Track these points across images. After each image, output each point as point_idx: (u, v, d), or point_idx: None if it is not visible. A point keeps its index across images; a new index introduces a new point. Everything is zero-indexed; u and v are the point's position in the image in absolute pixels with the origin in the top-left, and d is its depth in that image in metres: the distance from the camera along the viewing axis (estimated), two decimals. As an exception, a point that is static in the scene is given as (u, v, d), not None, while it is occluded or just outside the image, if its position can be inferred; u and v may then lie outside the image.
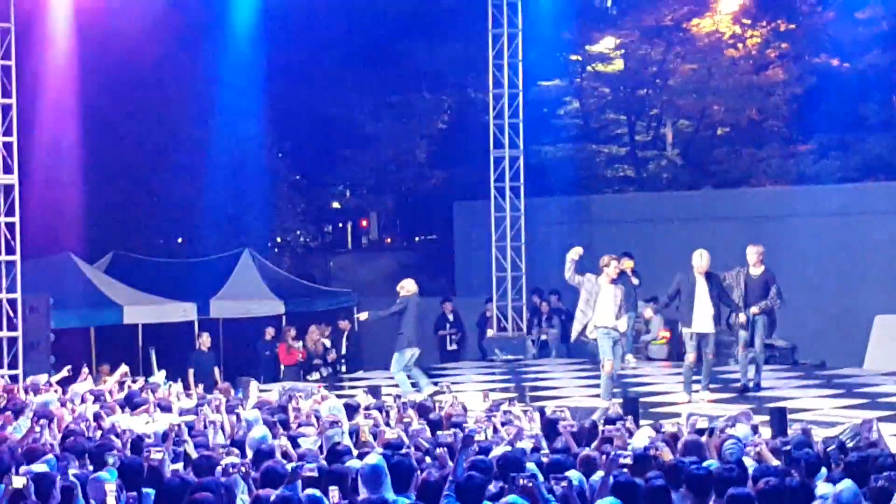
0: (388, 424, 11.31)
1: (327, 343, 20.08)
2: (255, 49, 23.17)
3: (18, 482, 7.42)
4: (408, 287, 15.92)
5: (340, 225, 34.49)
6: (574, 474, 8.06)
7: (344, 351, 20.22)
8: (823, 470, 8.47)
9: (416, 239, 32.69)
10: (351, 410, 11.98)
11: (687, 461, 8.16)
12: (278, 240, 28.84)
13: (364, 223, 34.32)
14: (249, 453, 9.53)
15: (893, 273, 18.90)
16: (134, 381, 14.46)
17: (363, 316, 17.01)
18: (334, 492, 7.77)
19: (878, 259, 19.14)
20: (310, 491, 7.69)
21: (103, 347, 19.74)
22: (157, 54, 22.46)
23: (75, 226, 21.51)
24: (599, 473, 8.14)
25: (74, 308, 18.90)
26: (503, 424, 10.90)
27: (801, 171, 23.79)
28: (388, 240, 33.48)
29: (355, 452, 9.32)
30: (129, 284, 20.45)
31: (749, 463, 8.57)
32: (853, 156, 23.39)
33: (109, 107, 22.31)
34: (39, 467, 8.29)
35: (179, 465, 9.21)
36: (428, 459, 9.03)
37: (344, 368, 19.98)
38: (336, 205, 32.63)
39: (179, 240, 27.19)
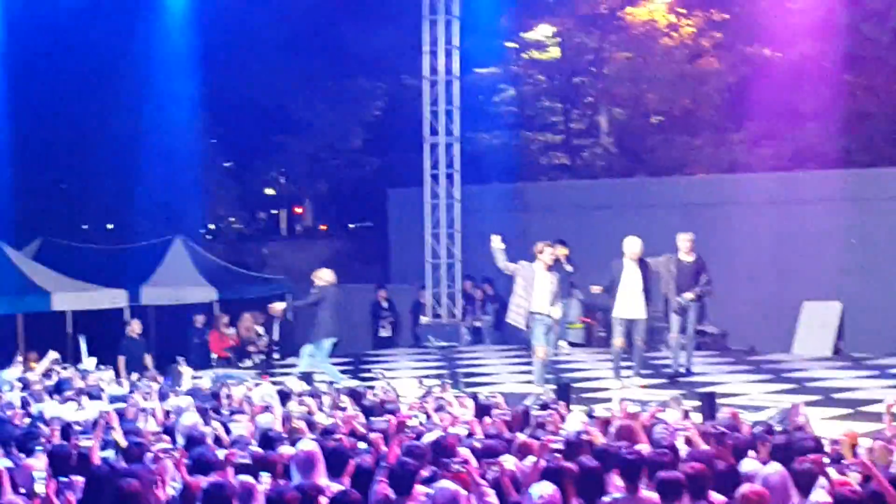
0: (321, 410, 11.29)
1: (260, 330, 19.95)
2: (188, 34, 22.92)
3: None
4: (324, 277, 15.82)
5: (274, 212, 34.34)
6: (506, 459, 8.08)
7: (276, 338, 20.10)
8: (751, 453, 8.59)
9: (351, 226, 32.60)
10: (283, 397, 11.94)
11: (618, 445, 8.23)
12: (211, 226, 28.58)
13: (298, 210, 34.18)
14: (181, 440, 9.46)
15: (823, 261, 19.12)
16: (64, 368, 14.30)
17: (279, 306, 16.84)
18: (266, 478, 7.73)
19: (808, 247, 19.34)
20: (242, 477, 7.64)
21: (31, 334, 19.40)
22: (89, 38, 22.15)
23: (3, 211, 21.16)
24: (532, 458, 8.16)
25: (1, 294, 18.57)
26: (436, 410, 10.91)
27: (734, 160, 23.98)
28: (323, 227, 33.35)
29: (288, 439, 9.27)
30: (58, 271, 20.11)
31: (681, 447, 8.65)
32: (785, 145, 23.61)
33: (39, 91, 21.96)
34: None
35: (109, 453, 9.11)
36: (361, 445, 9.01)
37: (276, 355, 19.87)
38: (270, 191, 32.44)
39: (110, 226, 26.86)
